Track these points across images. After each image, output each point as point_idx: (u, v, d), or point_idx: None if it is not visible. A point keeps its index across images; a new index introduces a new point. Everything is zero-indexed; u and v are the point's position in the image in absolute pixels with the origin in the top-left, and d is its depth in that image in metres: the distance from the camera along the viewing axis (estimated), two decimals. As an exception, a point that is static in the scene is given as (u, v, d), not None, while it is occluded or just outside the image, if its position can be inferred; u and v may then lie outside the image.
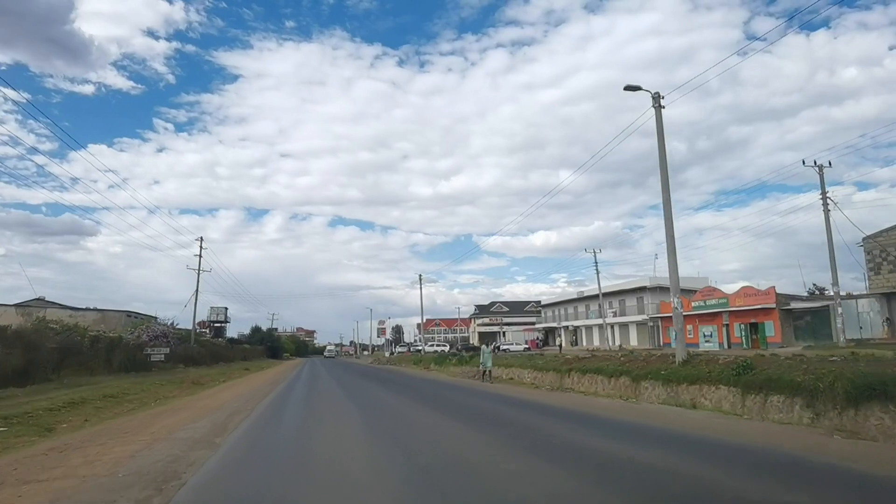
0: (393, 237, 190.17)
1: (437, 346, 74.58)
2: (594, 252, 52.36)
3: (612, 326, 56.75)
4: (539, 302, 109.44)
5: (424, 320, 75.71)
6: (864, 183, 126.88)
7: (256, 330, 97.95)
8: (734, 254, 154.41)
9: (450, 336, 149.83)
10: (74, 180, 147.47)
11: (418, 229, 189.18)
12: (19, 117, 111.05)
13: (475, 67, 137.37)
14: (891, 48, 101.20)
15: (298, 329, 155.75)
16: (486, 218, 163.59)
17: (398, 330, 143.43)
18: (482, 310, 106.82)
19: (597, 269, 53.13)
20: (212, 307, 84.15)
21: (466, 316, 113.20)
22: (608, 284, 59.73)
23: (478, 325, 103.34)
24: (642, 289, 52.67)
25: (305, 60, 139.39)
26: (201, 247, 48.96)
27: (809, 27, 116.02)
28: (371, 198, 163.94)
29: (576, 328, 64.54)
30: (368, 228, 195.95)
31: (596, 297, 59.15)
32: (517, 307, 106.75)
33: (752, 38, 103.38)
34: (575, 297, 64.89)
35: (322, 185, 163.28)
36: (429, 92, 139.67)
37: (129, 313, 54.92)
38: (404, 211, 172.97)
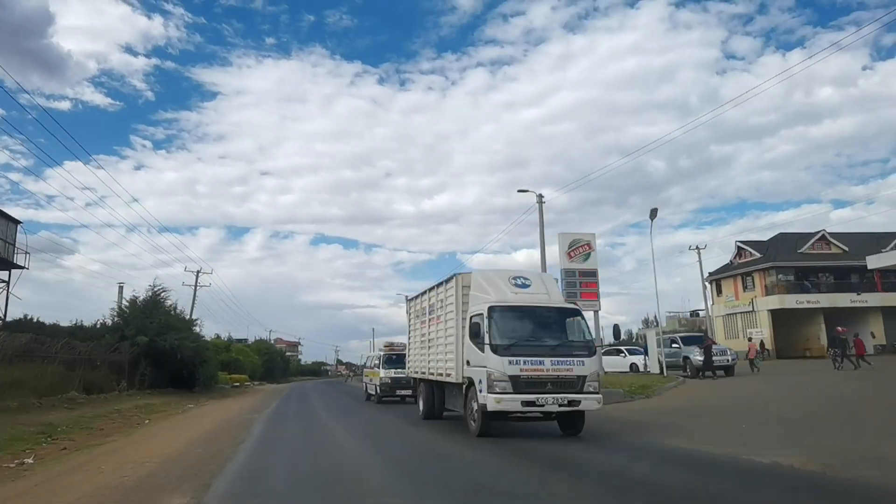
0: (377, 255, 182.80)
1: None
2: None
3: None
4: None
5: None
6: (841, 201, 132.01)
7: (146, 310, 29.45)
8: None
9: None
10: (50, 198, 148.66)
11: (402, 247, 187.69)
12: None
13: (456, 87, 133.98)
14: (864, 68, 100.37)
15: (277, 340, 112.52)
16: (470, 236, 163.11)
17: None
18: (727, 267, 50.54)
19: None
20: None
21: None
22: None
23: (777, 283, 41.34)
24: None
25: (285, 77, 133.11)
26: None
27: (786, 46, 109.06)
28: (354, 216, 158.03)
29: None
30: (352, 247, 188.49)
31: None
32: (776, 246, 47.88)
33: (730, 56, 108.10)
34: None
35: (304, 203, 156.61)
36: (410, 110, 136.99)
37: None
38: (388, 229, 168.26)
